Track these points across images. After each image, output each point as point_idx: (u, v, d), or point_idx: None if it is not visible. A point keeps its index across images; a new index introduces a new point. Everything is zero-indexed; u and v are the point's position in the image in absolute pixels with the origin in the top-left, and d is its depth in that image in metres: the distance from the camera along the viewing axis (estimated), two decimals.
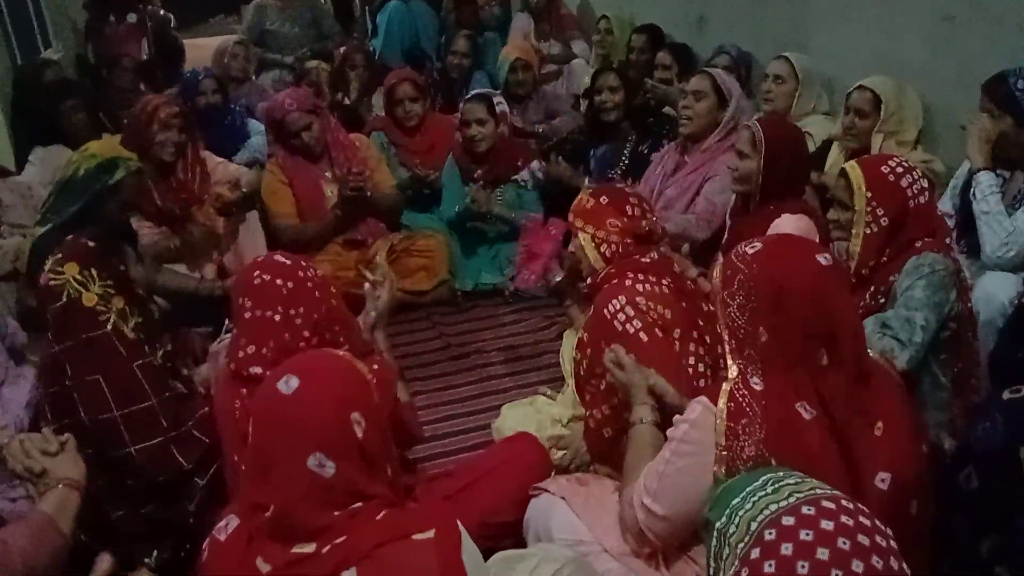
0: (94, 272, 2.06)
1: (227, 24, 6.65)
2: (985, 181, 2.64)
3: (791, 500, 1.11)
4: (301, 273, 2.05)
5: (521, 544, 2.05)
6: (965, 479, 1.63)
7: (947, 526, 1.67)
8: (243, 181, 3.61)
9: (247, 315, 2.00)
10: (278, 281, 2.01)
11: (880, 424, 1.59)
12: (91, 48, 5.77)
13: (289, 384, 1.40)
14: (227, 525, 1.48)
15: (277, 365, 1.93)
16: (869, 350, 1.70)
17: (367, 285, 2.40)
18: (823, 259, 1.58)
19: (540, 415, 2.49)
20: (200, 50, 6.60)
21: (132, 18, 5.61)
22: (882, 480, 1.55)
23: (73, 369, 2.04)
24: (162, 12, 6.36)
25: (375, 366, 2.13)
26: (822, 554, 1.03)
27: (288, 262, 2.07)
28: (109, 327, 2.05)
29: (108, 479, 2.08)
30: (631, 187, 2.38)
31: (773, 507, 1.10)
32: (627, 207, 2.25)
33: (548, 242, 2.86)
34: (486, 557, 1.71)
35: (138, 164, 2.82)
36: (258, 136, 4.45)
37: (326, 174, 3.68)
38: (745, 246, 1.63)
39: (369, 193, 3.60)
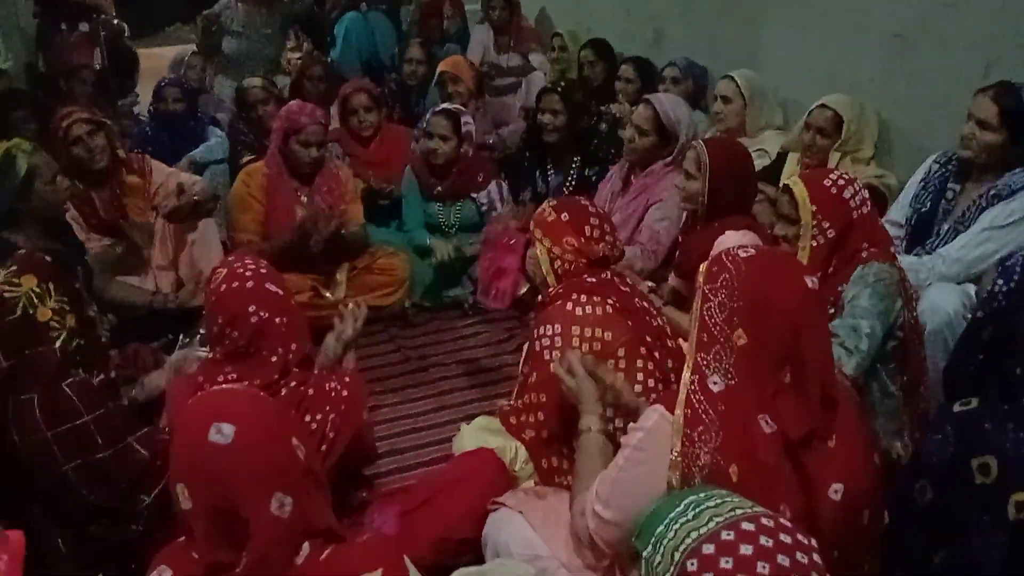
0: (51, 287, 1.99)
1: (183, 34, 6.54)
2: None
3: (711, 526, 1.14)
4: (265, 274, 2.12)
5: (480, 560, 2.03)
6: (919, 492, 1.66)
7: (900, 538, 1.69)
8: (196, 188, 3.45)
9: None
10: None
11: (834, 436, 1.61)
12: (42, 58, 5.64)
13: (224, 432, 1.31)
14: None
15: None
16: None
17: (341, 308, 2.42)
18: (810, 282, 1.59)
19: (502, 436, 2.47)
20: (155, 60, 6.51)
21: (84, 27, 5.45)
22: (835, 491, 1.57)
23: (13, 389, 1.97)
24: (115, 21, 6.19)
25: (346, 379, 2.13)
26: None
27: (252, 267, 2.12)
28: (58, 343, 1.99)
29: (47, 505, 2.01)
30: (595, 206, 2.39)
31: (694, 535, 1.14)
32: (586, 228, 2.25)
33: (512, 255, 2.85)
34: (445, 574, 1.70)
35: (32, 144, 2.80)
36: (218, 139, 4.41)
37: (302, 198, 3.52)
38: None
39: (343, 232, 3.47)
